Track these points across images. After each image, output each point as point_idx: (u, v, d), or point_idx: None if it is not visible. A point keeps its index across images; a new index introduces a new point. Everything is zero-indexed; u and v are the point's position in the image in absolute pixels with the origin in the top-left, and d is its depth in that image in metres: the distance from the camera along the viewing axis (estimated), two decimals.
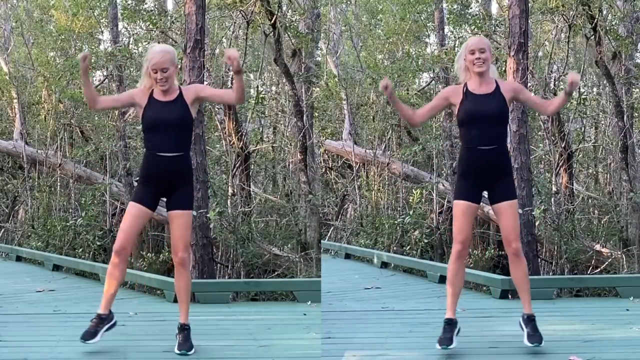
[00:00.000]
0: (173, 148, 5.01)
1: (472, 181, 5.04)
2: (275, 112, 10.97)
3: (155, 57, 5.00)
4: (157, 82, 5.00)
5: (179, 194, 5.07)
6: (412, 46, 11.65)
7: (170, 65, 5.00)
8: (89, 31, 11.33)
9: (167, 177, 5.03)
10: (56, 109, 11.35)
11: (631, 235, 9.51)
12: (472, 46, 5.01)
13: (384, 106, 11.67)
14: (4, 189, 12.02)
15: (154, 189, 5.05)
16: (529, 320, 5.08)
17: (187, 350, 5.03)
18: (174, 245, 5.08)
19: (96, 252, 10.20)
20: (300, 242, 9.47)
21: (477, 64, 5.01)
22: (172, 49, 5.15)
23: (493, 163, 5.01)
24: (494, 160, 5.01)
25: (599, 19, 9.47)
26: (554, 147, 9.78)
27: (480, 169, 5.01)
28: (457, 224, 5.04)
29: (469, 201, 5.03)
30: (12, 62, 11.92)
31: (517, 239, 5.03)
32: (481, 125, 4.99)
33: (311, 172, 9.86)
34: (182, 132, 5.06)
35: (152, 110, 5.02)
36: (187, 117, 5.06)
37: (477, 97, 5.03)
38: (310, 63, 10.11)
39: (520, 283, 5.12)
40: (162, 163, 5.00)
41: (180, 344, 5.07)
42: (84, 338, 5.04)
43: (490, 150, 4.99)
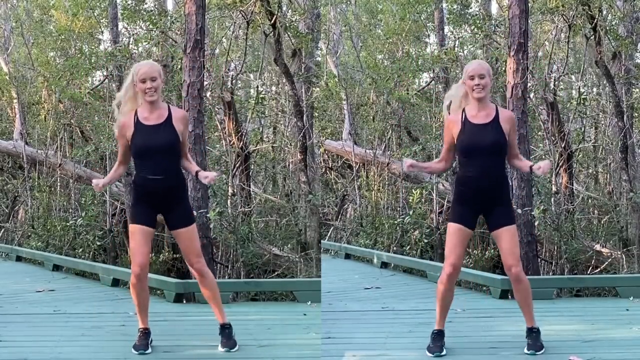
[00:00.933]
0: (163, 172, 5.01)
1: (468, 207, 5.03)
2: (275, 112, 10.97)
3: (143, 68, 4.98)
4: (146, 92, 4.94)
5: (176, 212, 5.10)
6: (412, 46, 11.65)
7: (158, 76, 4.97)
8: (89, 31, 11.33)
9: (160, 197, 5.04)
10: (56, 109, 11.35)
11: (631, 235, 9.51)
12: (472, 72, 4.96)
13: (384, 106, 11.67)
14: (4, 189, 12.01)
15: (149, 207, 5.08)
16: (530, 332, 5.11)
17: (231, 348, 5.17)
18: (187, 260, 5.19)
19: (96, 252, 10.20)
20: (300, 242, 9.47)
21: (476, 90, 4.96)
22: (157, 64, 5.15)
23: (490, 193, 5.00)
24: (491, 190, 5.00)
25: (599, 19, 9.47)
26: (554, 147, 9.78)
27: (477, 197, 5.00)
28: (450, 245, 5.02)
29: (462, 225, 5.01)
30: (12, 62, 11.91)
31: (516, 263, 4.99)
32: (478, 158, 4.97)
33: (311, 172, 9.86)
34: (171, 156, 5.06)
35: (140, 136, 4.98)
36: (175, 142, 5.03)
37: (475, 128, 4.98)
38: (310, 63, 10.11)
39: (523, 303, 5.12)
40: (153, 185, 5.01)
41: (223, 342, 5.19)
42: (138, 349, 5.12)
43: (486, 181, 4.98)
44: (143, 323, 5.20)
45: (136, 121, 5.00)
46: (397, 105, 11.55)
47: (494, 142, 4.96)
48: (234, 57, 10.01)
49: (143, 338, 5.15)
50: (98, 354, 5.15)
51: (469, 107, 5.04)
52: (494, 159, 5.00)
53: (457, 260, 4.99)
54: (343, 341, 5.54)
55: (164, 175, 5.00)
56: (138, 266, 5.02)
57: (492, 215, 5.02)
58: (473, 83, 4.96)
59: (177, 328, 6.09)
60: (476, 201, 5.01)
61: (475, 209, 5.04)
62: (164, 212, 5.10)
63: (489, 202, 5.00)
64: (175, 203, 5.07)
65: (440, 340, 5.10)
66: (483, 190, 4.98)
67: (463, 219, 5.02)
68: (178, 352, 5.22)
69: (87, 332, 5.82)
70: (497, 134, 4.98)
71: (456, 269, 5.01)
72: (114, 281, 8.21)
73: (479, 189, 4.98)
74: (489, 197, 5.00)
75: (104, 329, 5.90)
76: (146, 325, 5.19)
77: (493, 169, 5.00)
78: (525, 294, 5.07)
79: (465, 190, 5.03)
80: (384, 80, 11.22)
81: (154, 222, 5.13)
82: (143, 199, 5.05)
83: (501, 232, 4.99)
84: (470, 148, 4.97)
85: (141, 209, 5.07)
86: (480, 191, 4.98)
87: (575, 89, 10.76)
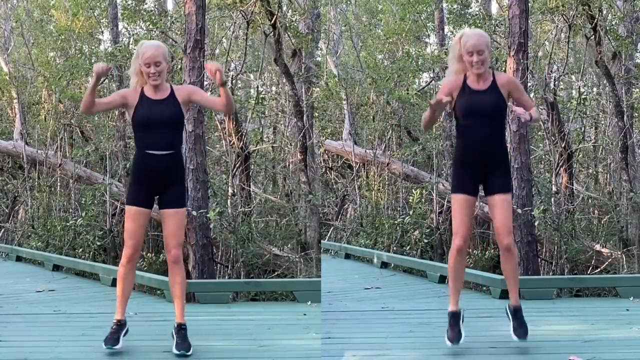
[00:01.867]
0: (165, 146, 4.99)
1: (468, 172, 5.02)
2: (275, 112, 10.97)
3: (148, 51, 4.97)
4: (150, 76, 4.96)
5: (170, 192, 5.05)
6: (412, 46, 11.65)
7: (162, 60, 4.97)
8: (89, 31, 11.33)
9: (159, 175, 5.00)
10: (56, 109, 11.35)
11: (631, 235, 9.51)
12: (470, 47, 4.93)
13: (384, 106, 11.67)
14: (4, 189, 12.01)
15: (147, 188, 5.04)
16: (515, 312, 5.09)
17: (187, 350, 5.01)
18: (167, 243, 5.07)
19: (96, 252, 10.19)
20: (300, 242, 9.47)
21: (475, 66, 4.96)
22: (163, 44, 5.14)
23: (489, 157, 5.01)
24: (490, 154, 5.00)
25: (599, 19, 9.47)
26: (554, 147, 9.78)
27: (476, 161, 5.01)
28: (457, 217, 4.99)
29: (467, 194, 5.00)
30: (12, 62, 11.91)
31: (509, 233, 4.99)
32: (478, 121, 4.98)
33: (311, 172, 9.86)
34: (174, 130, 5.05)
35: (143, 108, 4.99)
36: (179, 115, 5.04)
37: (475, 93, 5.00)
38: (310, 63, 10.11)
39: (510, 275, 5.09)
40: (153, 161, 4.98)
41: (178, 344, 5.04)
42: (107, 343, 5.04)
43: (486, 145, 4.99)
44: (120, 314, 5.12)
45: (141, 94, 5.01)
46: (397, 105, 11.55)
47: (493, 107, 4.98)
48: (234, 57, 10.02)
49: (116, 331, 5.08)
50: (98, 354, 5.15)
51: (470, 76, 5.03)
52: (493, 123, 5.01)
53: (466, 232, 4.97)
54: (343, 341, 5.53)
55: (167, 149, 4.98)
56: (131, 248, 5.01)
57: (489, 180, 5.01)
58: (472, 59, 4.94)
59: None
60: (476, 165, 4.99)
61: (475, 175, 5.01)
62: (160, 192, 5.06)
63: (488, 166, 5.00)
64: (172, 183, 5.03)
65: (457, 323, 5.06)
66: (482, 154, 4.99)
67: (465, 187, 5.00)
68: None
69: (87, 332, 5.82)
70: (496, 98, 4.99)
71: (466, 242, 5.00)
72: (114, 281, 8.13)
73: (479, 153, 4.99)
74: (488, 162, 4.99)
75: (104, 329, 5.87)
76: (122, 317, 5.11)
77: (492, 133, 5.01)
78: (513, 266, 5.05)
79: (465, 154, 5.03)
80: (384, 80, 11.22)
81: (151, 203, 5.10)
82: (142, 179, 5.02)
83: (496, 200, 4.99)
84: (469, 112, 4.98)
85: (139, 190, 5.03)
86: (479, 155, 4.99)
87: (575, 89, 10.76)
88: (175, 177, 5.07)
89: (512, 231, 5.04)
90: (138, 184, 5.04)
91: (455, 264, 5.05)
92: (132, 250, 5.01)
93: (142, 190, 5.03)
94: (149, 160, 4.99)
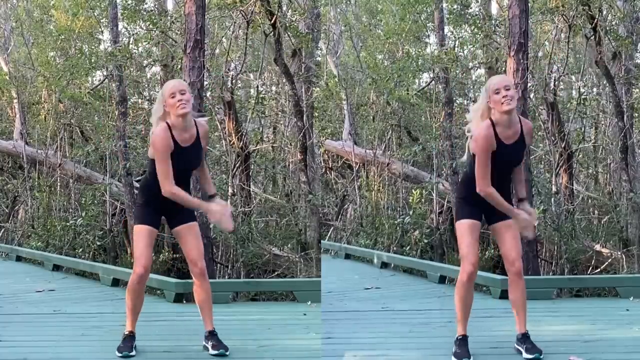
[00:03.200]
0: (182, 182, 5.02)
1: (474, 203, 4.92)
2: (275, 112, 10.97)
3: (171, 82, 5.01)
4: (178, 104, 4.87)
5: (180, 210, 5.07)
6: (412, 46, 11.65)
7: (187, 90, 4.95)
8: (89, 31, 11.33)
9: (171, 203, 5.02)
10: (56, 109, 11.36)
11: (631, 235, 9.51)
12: (497, 85, 4.77)
13: (384, 106, 11.67)
14: (4, 189, 12.02)
15: (157, 211, 5.09)
16: (524, 338, 4.98)
17: (225, 350, 5.05)
18: (192, 258, 5.06)
19: (96, 252, 10.20)
20: (300, 242, 9.47)
21: (505, 102, 4.74)
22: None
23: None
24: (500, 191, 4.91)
25: (599, 19, 9.47)
26: (554, 147, 9.78)
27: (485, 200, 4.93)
28: (465, 242, 4.87)
29: (473, 219, 4.91)
30: (12, 62, 11.92)
31: (519, 257, 4.90)
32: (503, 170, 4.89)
33: (311, 172, 9.86)
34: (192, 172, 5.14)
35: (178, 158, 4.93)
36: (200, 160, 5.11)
37: (508, 149, 4.83)
38: (310, 63, 10.11)
39: (519, 303, 4.97)
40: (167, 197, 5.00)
41: (215, 346, 5.08)
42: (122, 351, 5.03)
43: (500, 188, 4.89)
44: (131, 326, 5.14)
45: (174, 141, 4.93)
46: (397, 105, 11.55)
47: (519, 161, 4.93)
48: (234, 57, 10.02)
49: (128, 340, 5.09)
50: (98, 354, 5.15)
51: (499, 125, 4.81)
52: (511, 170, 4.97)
53: (476, 257, 4.85)
54: (343, 341, 5.54)
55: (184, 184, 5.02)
56: (143, 267, 4.99)
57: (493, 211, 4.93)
58: (500, 96, 4.75)
59: (177, 328, 6.09)
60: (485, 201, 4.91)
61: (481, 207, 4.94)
62: (169, 214, 5.10)
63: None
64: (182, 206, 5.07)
65: (465, 345, 4.95)
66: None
67: (473, 214, 4.92)
68: (178, 352, 5.22)
69: (87, 332, 5.82)
70: (522, 151, 4.91)
71: (476, 268, 4.87)
72: (114, 281, 8.21)
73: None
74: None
75: (104, 329, 5.90)
76: (133, 329, 5.14)
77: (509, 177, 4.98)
78: (522, 294, 4.95)
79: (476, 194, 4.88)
80: (384, 80, 11.22)
81: (159, 223, 5.15)
82: (153, 202, 5.04)
83: (501, 226, 4.92)
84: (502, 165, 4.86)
85: (149, 211, 5.07)
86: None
87: (575, 89, 10.76)
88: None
89: (521, 255, 4.93)
90: (148, 206, 5.07)
91: (464, 292, 4.92)
92: (144, 270, 5.00)
93: (152, 211, 5.07)
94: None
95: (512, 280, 4.94)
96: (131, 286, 5.07)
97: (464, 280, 4.88)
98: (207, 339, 5.15)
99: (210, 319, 5.17)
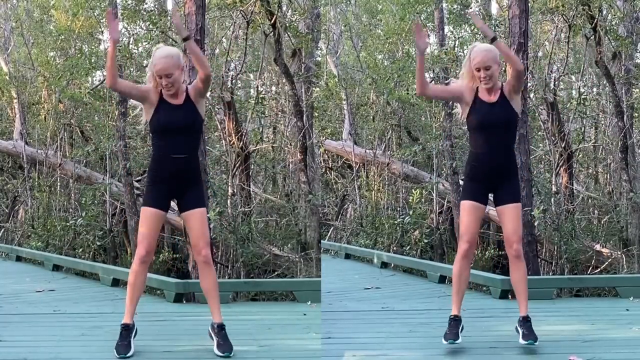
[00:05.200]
0: (184, 150, 4.97)
1: (479, 184, 5.10)
2: (275, 112, 10.97)
3: (159, 63, 4.94)
4: (164, 87, 4.95)
5: (190, 193, 5.02)
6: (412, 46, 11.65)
7: (174, 70, 4.94)
8: (89, 31, 11.34)
9: (178, 177, 4.99)
10: (56, 109, 11.36)
11: (631, 235, 9.51)
12: (478, 64, 4.99)
13: (384, 106, 11.68)
14: (4, 189, 12.02)
15: (165, 190, 5.02)
16: (524, 322, 5.09)
17: (230, 352, 4.94)
18: (196, 244, 5.00)
19: (96, 252, 10.21)
20: (300, 242, 9.47)
21: (483, 81, 5.02)
22: (176, 51, 5.06)
23: (501, 167, 5.08)
24: (502, 164, 5.08)
25: (599, 19, 9.47)
26: (554, 147, 9.78)
27: (488, 172, 5.08)
28: (464, 223, 5.07)
29: (475, 201, 5.08)
30: (12, 62, 11.92)
31: (519, 240, 5.05)
32: (490, 135, 5.04)
33: (311, 172, 9.86)
34: (192, 135, 5.04)
35: (162, 114, 4.97)
36: (196, 121, 5.03)
37: (486, 106, 5.05)
38: (310, 63, 10.11)
39: (519, 285, 5.12)
40: (173, 164, 4.96)
41: (220, 345, 4.97)
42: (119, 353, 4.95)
43: (499, 157, 5.06)
44: (129, 317, 5.05)
45: (160, 97, 4.99)
46: (397, 105, 11.56)
47: (505, 119, 5.05)
48: (234, 57, 10.02)
49: (125, 336, 5.00)
50: (98, 354, 5.15)
51: (481, 88, 5.08)
52: (505, 135, 5.08)
53: (472, 237, 5.05)
54: (343, 341, 5.53)
55: (187, 153, 4.97)
56: (145, 249, 4.94)
57: (499, 191, 5.09)
58: (480, 75, 5.01)
59: (177, 328, 6.09)
60: (488, 177, 5.07)
61: (486, 185, 5.10)
62: (178, 195, 5.04)
63: (499, 177, 5.07)
64: (191, 185, 5.02)
65: (456, 327, 5.09)
66: (495, 165, 5.06)
67: (475, 195, 5.08)
68: (178, 352, 5.22)
69: (87, 332, 5.82)
70: (508, 110, 5.05)
71: (472, 246, 5.07)
72: (114, 281, 8.20)
73: (491, 165, 5.06)
74: (500, 172, 5.07)
75: (104, 329, 5.89)
76: (131, 321, 5.06)
77: (504, 145, 5.09)
78: (522, 276, 5.08)
79: (477, 166, 5.10)
80: (384, 80, 11.23)
81: (167, 206, 5.08)
82: (160, 180, 5.00)
83: (506, 209, 5.06)
84: (482, 125, 5.05)
85: (157, 192, 5.01)
86: (492, 167, 5.06)
87: (575, 89, 10.77)
88: (194, 178, 5.06)
89: (521, 239, 5.09)
90: (156, 185, 5.02)
91: (460, 268, 5.10)
92: (144, 251, 4.95)
93: (160, 192, 5.01)
94: (167, 163, 4.98)
95: (512, 262, 5.11)
96: (133, 271, 5.00)
97: (459, 257, 5.10)
98: (213, 331, 5.04)
99: (218, 308, 5.08)
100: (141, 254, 4.96)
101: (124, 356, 4.95)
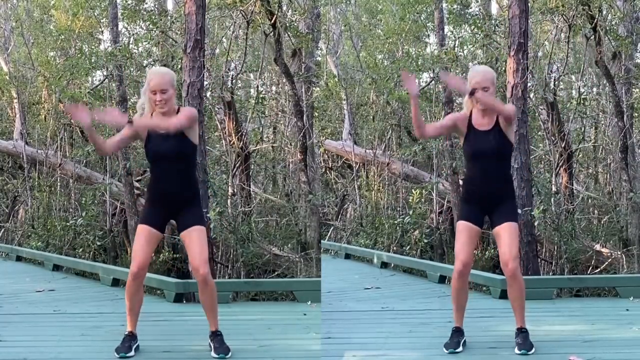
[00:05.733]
0: (176, 178, 4.99)
1: (475, 205, 5.15)
2: (275, 112, 10.97)
3: (154, 78, 4.96)
4: (156, 103, 4.94)
5: (187, 212, 5.04)
6: (412, 46, 11.66)
7: (169, 87, 4.96)
8: (89, 31, 11.34)
9: (174, 201, 5.02)
10: (56, 109, 11.36)
11: (631, 235, 9.51)
12: (475, 85, 5.02)
13: (383, 106, 11.68)
14: (4, 189, 12.02)
15: (161, 212, 5.06)
16: (519, 332, 5.11)
17: (225, 353, 5.01)
18: (193, 263, 5.03)
19: (96, 252, 10.20)
20: (300, 242, 9.47)
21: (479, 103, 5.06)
22: (170, 71, 5.12)
23: (495, 194, 5.11)
24: (495, 192, 5.11)
25: (599, 19, 9.47)
26: (554, 147, 9.78)
27: (483, 197, 5.12)
28: (459, 242, 5.12)
29: (470, 222, 5.12)
30: (12, 62, 11.92)
31: (514, 259, 5.01)
32: (483, 163, 5.09)
33: (311, 172, 9.86)
34: (184, 162, 5.04)
35: (153, 142, 4.99)
36: (185, 148, 5.02)
37: (479, 135, 5.09)
38: (310, 63, 10.11)
39: (515, 302, 5.11)
40: (167, 190, 5.00)
41: (217, 348, 5.04)
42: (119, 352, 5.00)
43: (492, 185, 5.10)
44: (131, 326, 5.12)
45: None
46: (397, 105, 11.56)
47: (497, 149, 5.07)
48: (234, 57, 10.02)
49: (127, 340, 5.06)
50: (98, 354, 5.15)
51: (475, 112, 5.12)
52: (498, 163, 5.12)
53: (467, 257, 5.08)
54: (343, 341, 5.54)
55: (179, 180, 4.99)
56: (137, 266, 4.99)
57: (495, 213, 5.12)
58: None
59: (177, 328, 6.09)
60: (482, 201, 5.12)
61: (481, 207, 5.14)
62: (175, 215, 5.07)
63: (494, 201, 5.11)
64: (188, 205, 5.05)
65: (457, 336, 5.14)
66: (489, 191, 5.11)
67: (470, 216, 5.13)
68: (178, 352, 5.22)
69: (87, 332, 5.82)
70: (500, 140, 5.07)
71: (466, 266, 5.09)
72: (114, 281, 8.20)
73: (485, 191, 5.11)
74: (495, 197, 5.11)
75: (104, 329, 5.90)
76: (133, 330, 5.12)
77: (498, 172, 5.12)
78: (519, 293, 5.08)
79: (472, 190, 5.17)
80: (384, 80, 11.23)
81: (162, 226, 5.10)
82: (157, 200, 5.04)
83: (500, 229, 5.08)
84: (475, 154, 5.11)
85: (153, 211, 5.05)
86: (486, 192, 5.11)
87: (575, 89, 10.77)
88: (191, 201, 5.07)
89: (517, 257, 5.07)
90: (153, 205, 5.07)
91: (457, 289, 5.15)
92: (136, 268, 4.98)
93: (156, 211, 5.05)
94: (161, 189, 5.02)
95: (508, 281, 5.12)
96: (127, 286, 5.06)
97: (455, 276, 5.14)
98: (210, 339, 5.14)
99: (214, 319, 5.15)
100: (133, 270, 5.01)
101: (124, 355, 4.98)
